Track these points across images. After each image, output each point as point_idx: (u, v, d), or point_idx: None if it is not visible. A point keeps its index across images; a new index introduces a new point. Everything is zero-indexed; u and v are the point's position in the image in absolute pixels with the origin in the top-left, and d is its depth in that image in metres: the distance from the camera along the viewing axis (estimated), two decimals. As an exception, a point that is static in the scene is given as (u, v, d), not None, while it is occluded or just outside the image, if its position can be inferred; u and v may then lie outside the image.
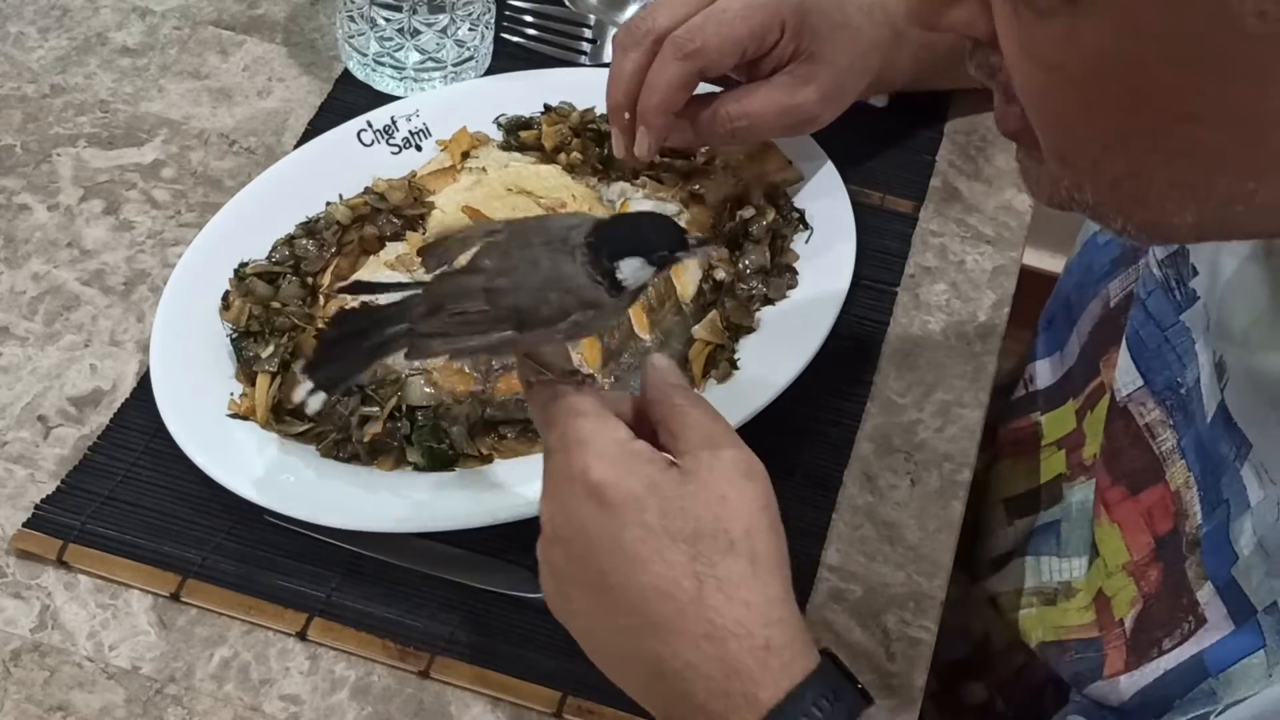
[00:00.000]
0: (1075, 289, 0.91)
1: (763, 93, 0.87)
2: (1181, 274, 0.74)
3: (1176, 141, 0.53)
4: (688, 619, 0.62)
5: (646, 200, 0.93)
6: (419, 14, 0.99)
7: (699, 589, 0.62)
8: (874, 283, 0.94)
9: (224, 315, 0.87)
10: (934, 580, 0.82)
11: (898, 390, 0.90)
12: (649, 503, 0.63)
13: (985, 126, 1.04)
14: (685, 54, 0.84)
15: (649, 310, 0.85)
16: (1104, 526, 0.79)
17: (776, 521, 0.65)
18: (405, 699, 0.76)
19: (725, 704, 0.62)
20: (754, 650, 0.62)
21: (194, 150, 1.00)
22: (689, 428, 0.65)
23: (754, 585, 0.63)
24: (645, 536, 0.62)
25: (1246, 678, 0.66)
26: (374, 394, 0.82)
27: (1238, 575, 0.67)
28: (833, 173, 0.94)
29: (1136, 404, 0.78)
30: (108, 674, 0.76)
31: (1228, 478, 0.68)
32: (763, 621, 0.62)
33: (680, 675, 0.62)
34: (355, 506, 0.79)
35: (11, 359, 0.88)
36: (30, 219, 0.95)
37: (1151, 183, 0.55)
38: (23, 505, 0.81)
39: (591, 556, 0.64)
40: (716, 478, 0.64)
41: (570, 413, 0.65)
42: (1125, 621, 0.76)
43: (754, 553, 0.63)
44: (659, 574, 0.62)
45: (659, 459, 0.64)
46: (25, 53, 1.05)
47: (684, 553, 0.62)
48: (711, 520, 0.63)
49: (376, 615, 0.78)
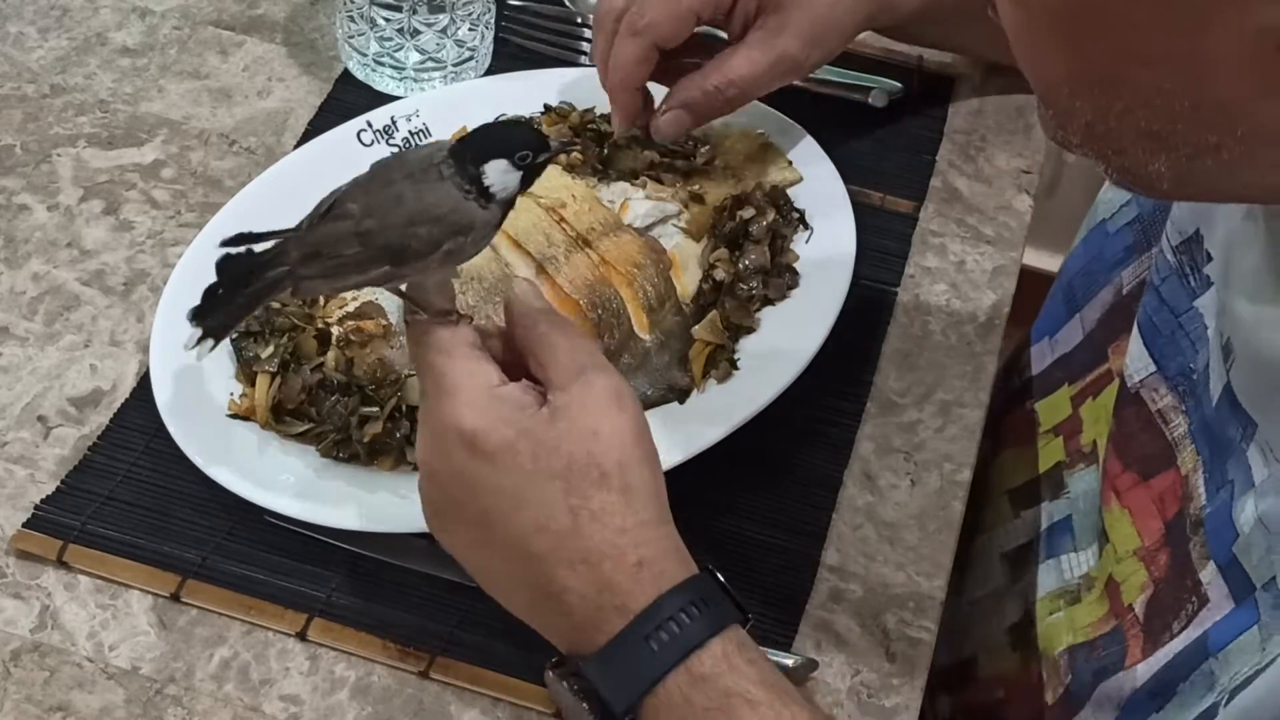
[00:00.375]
0: (1080, 275, 0.91)
1: (741, 54, 0.88)
2: (1196, 260, 0.74)
3: (1133, 88, 0.56)
4: (564, 549, 0.65)
5: (647, 200, 0.93)
6: (419, 14, 0.99)
7: (574, 521, 0.65)
8: (874, 283, 0.94)
9: (224, 315, 0.87)
10: (934, 580, 0.82)
11: (898, 390, 0.90)
12: (521, 446, 0.65)
13: (985, 126, 1.04)
14: (635, 30, 0.86)
15: (649, 310, 0.86)
16: (1114, 512, 0.79)
17: (649, 450, 0.68)
18: (405, 699, 0.76)
19: (599, 616, 0.65)
20: (626, 568, 0.65)
21: (194, 150, 1.00)
22: (556, 357, 0.68)
23: (627, 513, 0.66)
24: (520, 478, 0.65)
25: (1241, 654, 0.66)
26: (374, 394, 0.82)
27: (1239, 553, 0.67)
28: (833, 173, 0.94)
29: (1149, 390, 0.78)
30: (108, 674, 0.76)
31: (1234, 459, 0.68)
32: (635, 543, 0.65)
33: (559, 598, 0.66)
34: (355, 506, 0.79)
35: (11, 359, 0.88)
36: (30, 219, 0.95)
37: (1121, 130, 0.58)
38: (23, 505, 0.81)
39: (470, 497, 0.67)
40: (588, 413, 0.66)
41: (442, 355, 0.68)
42: (1135, 607, 0.76)
43: (626, 483, 0.66)
44: (535, 511, 0.65)
45: (529, 400, 0.67)
46: (25, 53, 1.05)
47: (558, 489, 0.65)
48: (584, 456, 0.65)
49: (376, 615, 0.78)
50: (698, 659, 0.64)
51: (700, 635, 0.64)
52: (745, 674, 0.64)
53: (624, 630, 0.64)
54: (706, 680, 0.64)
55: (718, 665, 0.64)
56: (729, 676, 0.64)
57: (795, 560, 0.82)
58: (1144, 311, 0.79)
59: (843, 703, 0.77)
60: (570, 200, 0.90)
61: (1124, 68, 0.56)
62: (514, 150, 0.67)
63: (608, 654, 0.65)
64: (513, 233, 0.86)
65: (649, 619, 0.64)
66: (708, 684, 0.64)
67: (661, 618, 0.64)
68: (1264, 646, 0.65)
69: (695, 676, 0.64)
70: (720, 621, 0.65)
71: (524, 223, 0.87)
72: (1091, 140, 0.60)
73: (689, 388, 0.84)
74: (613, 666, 0.65)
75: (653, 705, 0.64)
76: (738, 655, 0.64)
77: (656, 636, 0.64)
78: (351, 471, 0.81)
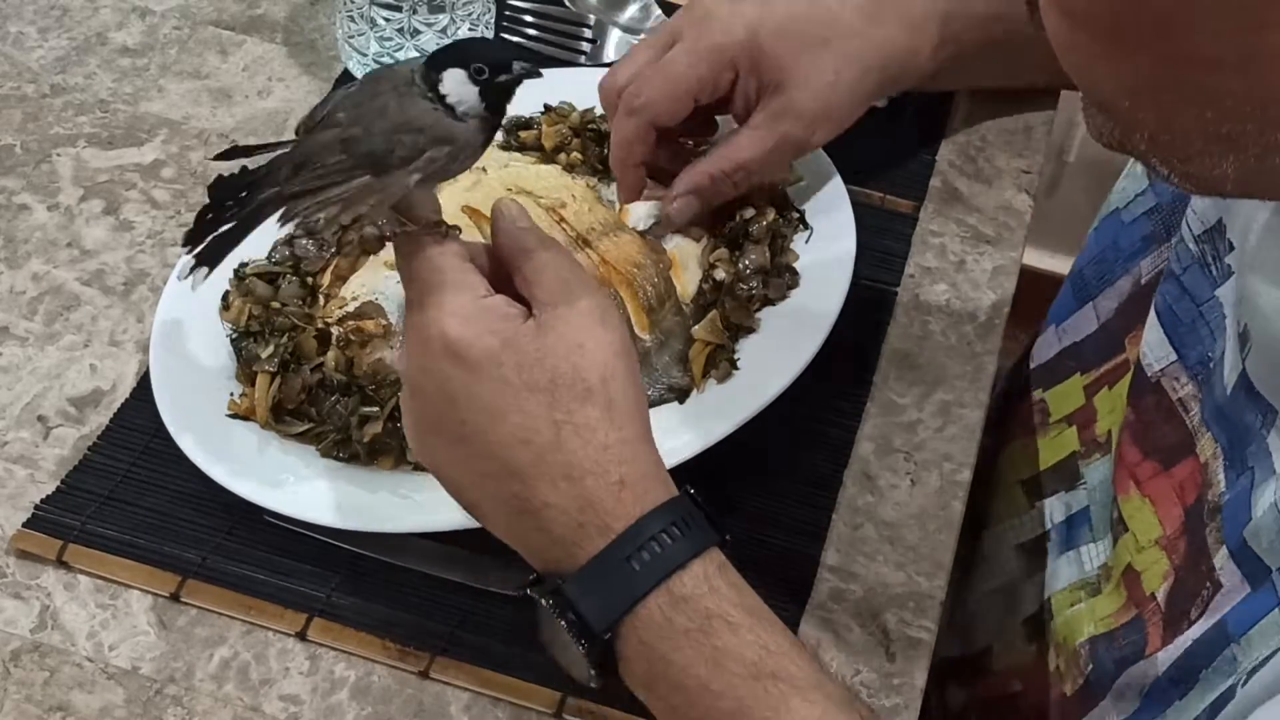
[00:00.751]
0: (1092, 264, 0.91)
1: (744, 137, 0.88)
2: (1219, 249, 0.74)
3: (1201, 91, 0.54)
4: (546, 463, 0.65)
5: (646, 200, 0.93)
6: (419, 14, 0.99)
7: (556, 434, 0.65)
8: (874, 283, 0.94)
9: (224, 315, 0.87)
10: (934, 580, 0.82)
11: (898, 390, 0.90)
12: (505, 357, 0.65)
13: (985, 126, 1.04)
14: (632, 109, 0.87)
15: (649, 310, 0.85)
16: (1134, 501, 0.79)
17: (633, 366, 0.68)
18: (405, 699, 0.76)
19: (580, 534, 0.65)
20: (609, 486, 0.65)
21: (194, 150, 1.00)
22: (543, 273, 0.68)
23: (610, 429, 0.65)
24: (503, 390, 0.65)
25: (1264, 637, 0.66)
26: (374, 394, 0.82)
27: (1249, 537, 0.67)
28: (833, 173, 0.94)
29: (1170, 379, 0.77)
30: (107, 674, 0.76)
31: (1254, 446, 0.68)
32: (618, 460, 0.65)
33: (539, 514, 0.65)
34: (355, 506, 0.79)
35: (11, 359, 0.88)
36: (30, 219, 0.95)
37: (1188, 135, 0.56)
38: (22, 505, 0.81)
39: (451, 410, 0.66)
40: (573, 328, 0.66)
41: (429, 268, 0.68)
42: (1158, 596, 0.76)
43: (610, 398, 0.66)
44: (517, 423, 0.65)
45: (515, 312, 0.67)
46: (25, 52, 1.05)
47: (542, 402, 0.65)
48: (569, 370, 0.65)
49: (376, 615, 0.78)
50: (678, 580, 0.64)
51: (681, 556, 0.64)
52: (726, 596, 0.64)
53: (605, 550, 0.64)
54: (687, 601, 0.64)
55: (699, 586, 0.64)
56: (709, 598, 0.64)
57: (795, 560, 0.82)
58: (1164, 300, 0.79)
59: (843, 703, 0.77)
60: (570, 200, 0.90)
61: (1183, 73, 0.54)
62: (469, 61, 0.67)
63: (588, 573, 0.64)
64: (513, 233, 0.86)
65: (630, 539, 0.64)
66: (688, 604, 0.64)
67: (643, 538, 0.64)
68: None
69: (676, 597, 0.64)
70: (701, 543, 0.65)
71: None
72: (1156, 149, 0.58)
73: (689, 388, 0.84)
74: (593, 586, 0.64)
75: (632, 625, 0.64)
76: (719, 577, 0.65)
77: (638, 556, 0.64)
78: (351, 471, 0.81)
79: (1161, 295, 0.79)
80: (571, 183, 0.92)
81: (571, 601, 0.65)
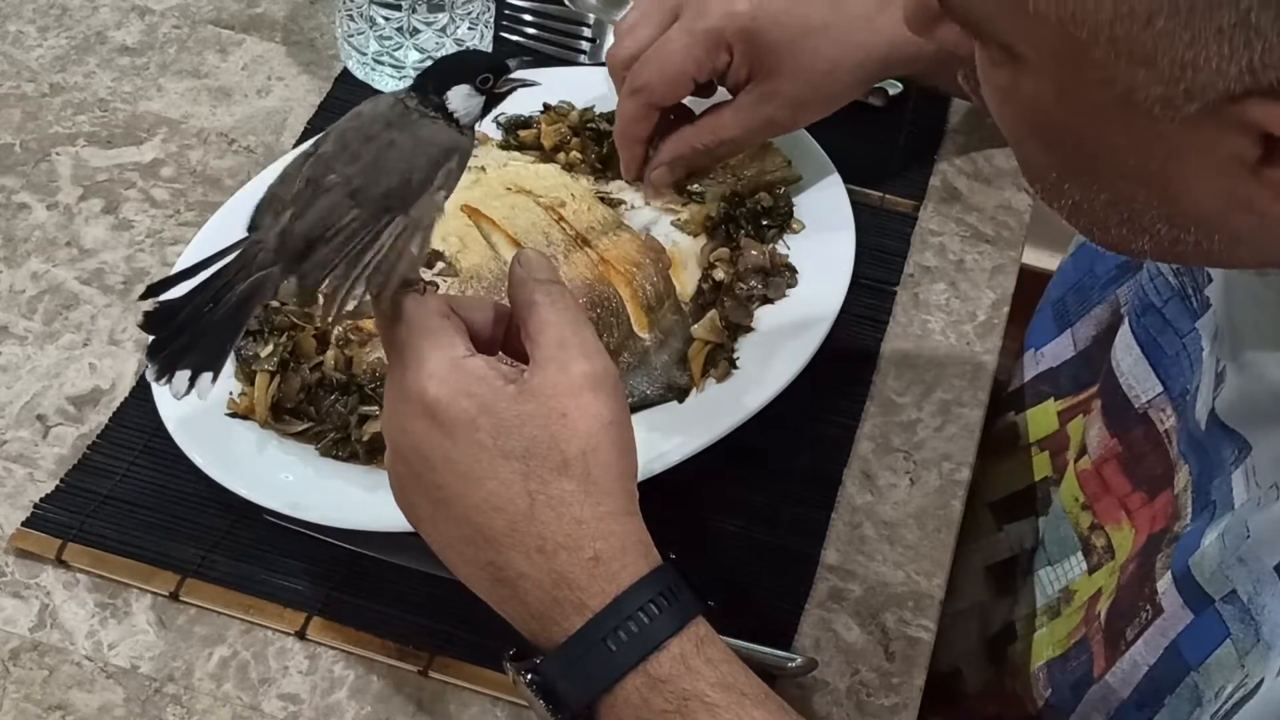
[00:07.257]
0: (1072, 290, 0.91)
1: (728, 113, 0.90)
2: (1198, 281, 0.75)
3: (1108, 188, 0.58)
4: (519, 533, 0.64)
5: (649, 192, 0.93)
6: (418, 13, 0.99)
7: (530, 506, 0.64)
8: (874, 282, 0.94)
9: (223, 314, 0.87)
10: (933, 580, 0.82)
11: (897, 389, 0.90)
12: (481, 422, 0.64)
13: (985, 126, 1.04)
14: (633, 89, 0.89)
15: (648, 309, 0.85)
16: (1123, 530, 0.79)
17: (621, 437, 0.66)
18: (404, 698, 0.76)
19: (555, 610, 0.64)
20: (582, 562, 0.64)
21: (193, 149, 1.00)
22: (543, 333, 0.66)
23: (585, 503, 0.64)
24: (478, 455, 0.64)
25: (1221, 669, 0.66)
26: (373, 393, 0.82)
27: (1193, 565, 0.68)
28: (833, 173, 0.94)
29: (1156, 410, 0.78)
30: (107, 673, 0.76)
31: (1219, 480, 0.69)
32: (592, 536, 0.64)
33: (514, 584, 0.65)
34: (355, 506, 0.79)
35: (11, 358, 0.88)
36: (29, 218, 0.95)
37: (1104, 214, 0.59)
38: (22, 504, 0.81)
39: (429, 472, 0.66)
40: (559, 394, 0.65)
41: (407, 327, 0.66)
42: (1100, 615, 0.76)
43: (587, 471, 0.64)
44: (492, 490, 0.64)
45: (494, 376, 0.65)
46: (24, 51, 1.05)
47: (517, 470, 0.64)
48: (546, 439, 0.64)
49: (376, 615, 0.78)
50: (655, 661, 0.63)
51: (659, 636, 0.63)
52: (703, 675, 0.63)
53: (581, 629, 0.63)
54: (665, 683, 0.63)
55: (675, 667, 0.63)
56: (687, 679, 0.63)
57: (795, 560, 0.82)
58: (1148, 333, 0.79)
59: (842, 702, 0.77)
60: (569, 199, 0.90)
61: (1099, 172, 0.57)
62: (474, 74, 0.68)
63: (564, 652, 0.64)
64: (512, 232, 0.86)
65: (607, 618, 0.63)
66: (665, 686, 0.63)
67: (620, 617, 0.63)
68: (1242, 663, 0.65)
69: (653, 679, 0.63)
70: (680, 618, 0.64)
71: (524, 222, 0.87)
72: (1077, 217, 0.60)
73: (688, 387, 0.84)
74: (569, 666, 0.64)
75: (610, 705, 0.63)
76: (696, 656, 0.64)
77: (615, 636, 0.63)
78: (351, 471, 0.81)
79: (1144, 328, 0.79)
80: (570, 181, 0.92)
81: (548, 682, 0.64)
